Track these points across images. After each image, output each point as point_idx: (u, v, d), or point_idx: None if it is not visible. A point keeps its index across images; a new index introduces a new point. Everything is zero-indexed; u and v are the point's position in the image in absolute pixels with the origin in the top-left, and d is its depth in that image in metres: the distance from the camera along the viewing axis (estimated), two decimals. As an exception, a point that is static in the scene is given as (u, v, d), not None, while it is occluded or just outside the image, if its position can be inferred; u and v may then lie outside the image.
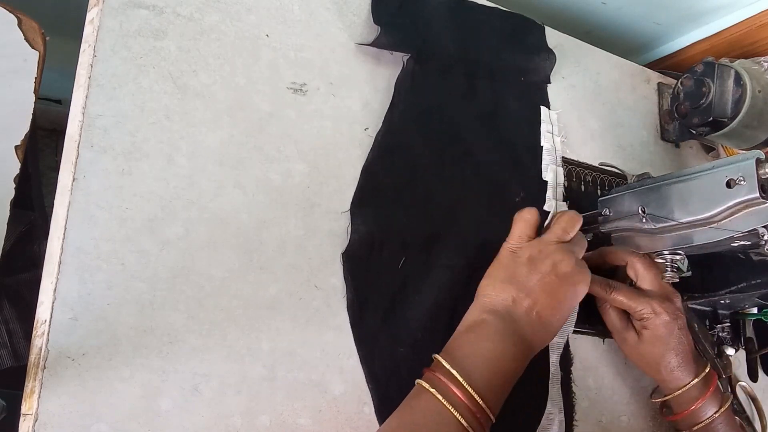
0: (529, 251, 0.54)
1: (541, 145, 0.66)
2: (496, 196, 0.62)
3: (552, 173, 0.66)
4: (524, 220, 0.56)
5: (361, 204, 0.55)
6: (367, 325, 0.52)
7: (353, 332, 0.52)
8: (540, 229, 0.58)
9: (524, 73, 0.67)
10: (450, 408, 0.45)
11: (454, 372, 0.46)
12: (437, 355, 0.49)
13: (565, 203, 0.66)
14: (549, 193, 0.65)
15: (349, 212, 0.54)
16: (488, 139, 0.63)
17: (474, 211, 0.60)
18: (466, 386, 0.46)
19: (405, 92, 0.59)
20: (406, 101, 0.59)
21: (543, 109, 0.68)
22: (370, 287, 0.53)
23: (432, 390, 0.46)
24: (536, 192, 0.65)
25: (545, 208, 0.64)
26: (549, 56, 0.69)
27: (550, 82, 0.70)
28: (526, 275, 0.52)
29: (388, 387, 0.52)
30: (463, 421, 0.44)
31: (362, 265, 0.53)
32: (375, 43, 0.58)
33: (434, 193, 0.59)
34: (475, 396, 0.45)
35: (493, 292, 0.52)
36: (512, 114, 0.66)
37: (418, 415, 0.46)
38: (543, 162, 0.66)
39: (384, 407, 0.51)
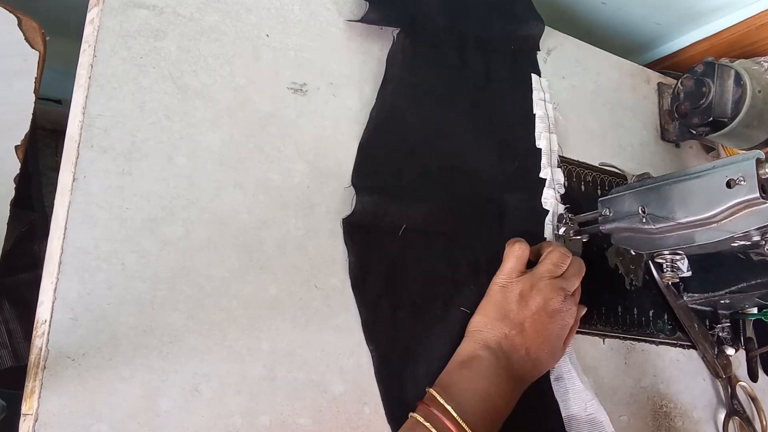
0: (520, 287, 0.55)
1: (534, 113, 0.67)
2: (491, 166, 0.63)
3: (546, 141, 0.66)
4: (515, 256, 0.56)
5: (361, 178, 0.55)
6: (368, 288, 0.53)
7: (355, 295, 0.53)
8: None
9: (514, 41, 0.68)
10: None
11: (448, 407, 0.47)
12: (432, 390, 0.49)
13: (559, 169, 0.66)
14: (544, 161, 0.65)
15: (351, 187, 0.55)
16: (481, 109, 0.64)
17: (471, 181, 0.61)
18: (461, 422, 0.46)
19: (397, 67, 0.59)
20: (399, 76, 0.59)
21: (534, 76, 0.68)
22: (370, 251, 0.54)
23: (426, 424, 0.46)
24: (531, 160, 0.65)
25: (541, 175, 0.65)
26: (537, 24, 0.69)
27: (539, 50, 0.70)
28: (517, 312, 0.53)
29: (388, 349, 0.52)
30: None
31: (363, 230, 0.54)
32: (364, 19, 0.58)
33: (431, 165, 0.59)
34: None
35: (485, 329, 0.53)
36: (504, 83, 0.66)
37: None
38: (536, 129, 0.66)
39: (383, 369, 0.52)
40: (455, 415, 0.47)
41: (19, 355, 0.62)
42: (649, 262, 0.71)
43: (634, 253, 0.70)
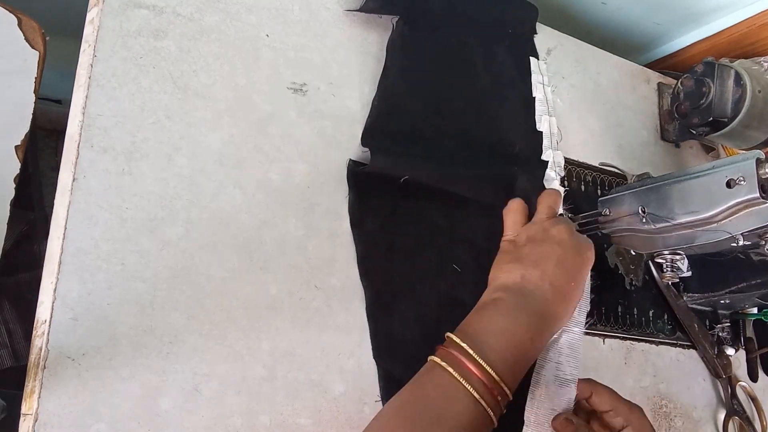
0: (526, 233, 0.55)
1: (534, 96, 0.67)
2: (493, 150, 0.63)
3: (546, 123, 0.67)
4: (513, 210, 0.58)
5: (374, 139, 0.56)
6: (365, 225, 0.54)
7: (353, 232, 0.54)
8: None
9: (511, 25, 0.68)
10: (462, 381, 0.43)
11: (465, 346, 0.45)
12: (450, 333, 0.48)
13: (560, 152, 0.67)
14: (545, 143, 0.66)
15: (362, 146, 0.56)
16: (482, 94, 0.64)
17: (475, 157, 0.62)
18: (480, 361, 0.44)
19: (397, 54, 0.60)
20: (399, 63, 0.60)
21: (532, 60, 0.69)
22: (370, 191, 0.55)
23: (443, 363, 0.45)
24: (532, 143, 0.66)
25: (543, 157, 0.65)
26: (531, 8, 0.69)
27: (536, 33, 0.70)
28: (530, 252, 0.53)
29: (380, 286, 0.53)
30: (476, 395, 0.43)
31: (365, 173, 0.55)
32: (364, 8, 0.59)
33: (434, 151, 0.59)
34: (489, 369, 0.44)
35: (502, 274, 0.53)
36: (503, 67, 0.67)
37: (429, 389, 0.45)
38: (537, 113, 0.67)
39: (374, 304, 0.53)
40: (471, 352, 0.45)
41: (19, 355, 0.62)
42: (649, 262, 0.71)
43: (634, 253, 0.70)
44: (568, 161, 0.69)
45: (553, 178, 0.65)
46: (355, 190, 0.54)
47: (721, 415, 0.71)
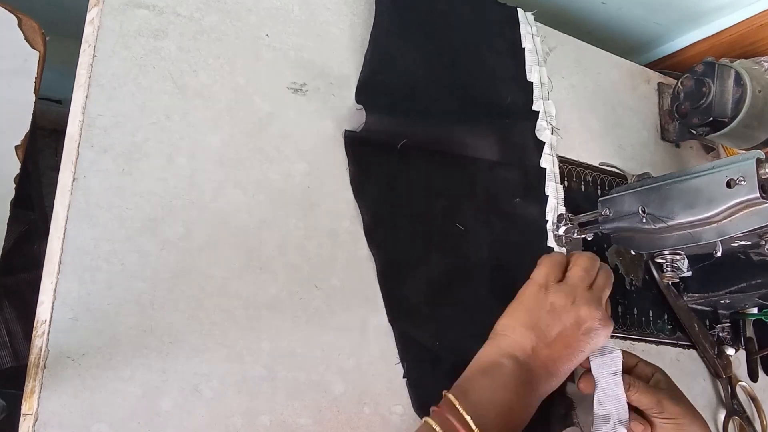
0: (554, 297, 0.52)
1: (523, 46, 0.68)
2: (485, 101, 0.64)
3: (536, 74, 0.67)
4: (553, 261, 0.55)
5: (368, 95, 0.56)
6: (368, 194, 0.55)
7: (357, 203, 0.55)
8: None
9: None
10: None
11: (467, 418, 0.45)
12: (449, 394, 0.47)
13: (551, 102, 0.67)
14: (536, 93, 0.67)
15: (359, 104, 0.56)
16: (472, 44, 0.65)
17: (468, 107, 0.62)
18: None
19: (387, 8, 0.60)
20: (390, 17, 0.60)
21: (519, 11, 0.69)
22: (369, 161, 0.56)
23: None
24: (523, 94, 0.66)
25: (534, 107, 0.66)
26: None
27: None
28: (549, 324, 0.51)
29: (389, 252, 0.54)
30: None
31: (362, 142, 0.55)
32: None
33: (428, 107, 0.60)
34: None
35: (513, 335, 0.51)
36: (492, 19, 0.67)
37: None
38: (527, 63, 0.67)
39: (386, 271, 0.54)
40: (473, 426, 0.44)
41: (19, 355, 0.62)
42: (649, 262, 0.71)
43: (634, 253, 0.70)
44: (568, 161, 0.69)
45: (544, 128, 0.66)
46: (355, 161, 0.55)
47: (721, 415, 0.71)
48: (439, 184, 0.59)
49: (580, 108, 0.72)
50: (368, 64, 0.58)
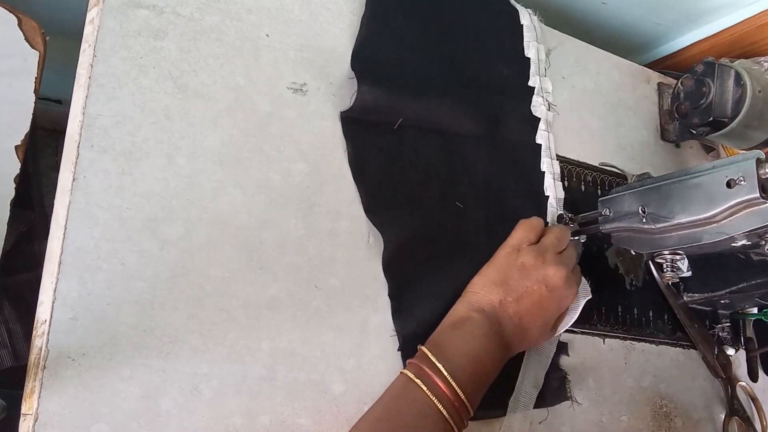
0: (525, 257, 0.55)
1: (521, 23, 0.68)
2: (481, 76, 0.64)
3: (534, 49, 0.67)
4: (529, 224, 0.58)
5: (362, 63, 0.57)
6: (368, 176, 0.55)
7: (356, 184, 0.55)
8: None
9: None
10: (434, 400, 0.46)
11: (440, 366, 0.48)
12: (424, 348, 0.50)
13: (548, 78, 0.67)
14: (532, 69, 0.67)
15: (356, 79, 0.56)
16: (468, 20, 0.65)
17: (464, 83, 0.62)
18: (451, 381, 0.47)
19: None
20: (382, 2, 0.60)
21: None
22: (367, 143, 0.56)
23: (417, 381, 0.47)
24: (518, 69, 0.66)
25: (530, 83, 0.66)
26: None
27: None
28: (517, 280, 0.54)
29: (390, 230, 0.55)
30: (445, 414, 0.46)
31: (359, 124, 0.56)
32: None
33: (422, 80, 0.60)
34: (459, 391, 0.47)
35: (482, 291, 0.54)
36: None
37: (402, 404, 0.47)
38: (524, 39, 0.67)
39: (388, 249, 0.54)
40: (446, 374, 0.47)
41: (19, 355, 0.62)
42: (649, 262, 0.71)
43: (634, 253, 0.70)
44: (568, 161, 0.69)
45: (540, 104, 0.66)
46: (352, 143, 0.55)
47: (721, 415, 0.71)
48: (435, 162, 0.59)
49: (580, 108, 0.72)
50: (365, 27, 0.58)
